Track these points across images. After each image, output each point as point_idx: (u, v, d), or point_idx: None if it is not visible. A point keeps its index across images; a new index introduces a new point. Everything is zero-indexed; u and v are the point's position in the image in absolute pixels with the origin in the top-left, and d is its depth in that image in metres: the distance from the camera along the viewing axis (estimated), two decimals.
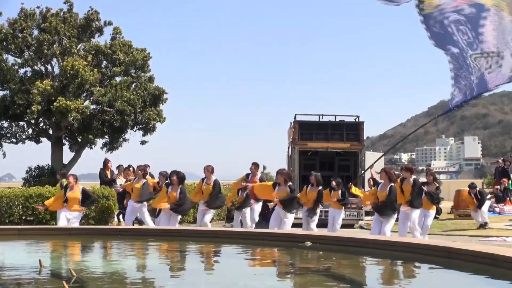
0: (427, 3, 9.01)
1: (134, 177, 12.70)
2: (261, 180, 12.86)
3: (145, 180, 12.02)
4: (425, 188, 11.27)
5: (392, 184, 10.17)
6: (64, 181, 12.40)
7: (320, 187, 11.61)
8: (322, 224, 12.69)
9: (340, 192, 12.13)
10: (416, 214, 10.49)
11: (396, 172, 10.93)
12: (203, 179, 12.08)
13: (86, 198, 11.40)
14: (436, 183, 11.46)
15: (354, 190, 12.92)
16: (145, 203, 11.95)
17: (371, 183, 13.46)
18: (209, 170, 11.91)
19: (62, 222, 11.07)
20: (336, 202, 11.98)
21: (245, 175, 12.75)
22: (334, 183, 12.25)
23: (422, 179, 12.21)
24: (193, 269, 6.55)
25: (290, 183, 11.04)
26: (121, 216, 13.64)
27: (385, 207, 10.14)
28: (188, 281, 5.78)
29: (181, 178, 11.32)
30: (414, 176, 10.62)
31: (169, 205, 11.11)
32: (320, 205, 11.81)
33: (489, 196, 16.23)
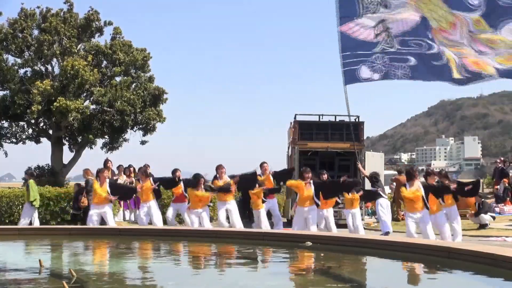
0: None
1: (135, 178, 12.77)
2: (273, 175, 13.01)
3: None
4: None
5: (419, 181, 10.19)
6: (31, 181, 12.52)
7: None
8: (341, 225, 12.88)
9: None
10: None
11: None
12: (215, 178, 12.18)
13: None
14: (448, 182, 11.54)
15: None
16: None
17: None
18: (220, 169, 12.15)
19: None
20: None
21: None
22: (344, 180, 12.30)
23: (422, 179, 12.19)
24: (193, 269, 6.56)
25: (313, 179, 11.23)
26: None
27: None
28: (188, 281, 5.78)
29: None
30: (418, 182, 10.57)
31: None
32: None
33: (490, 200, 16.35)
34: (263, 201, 12.51)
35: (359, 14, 10.54)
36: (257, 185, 12.39)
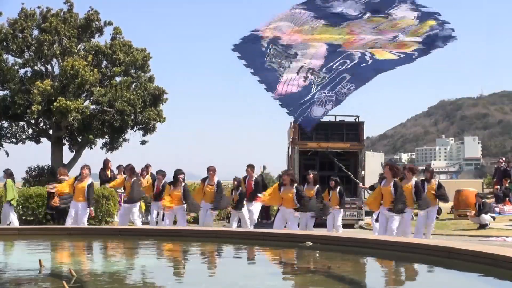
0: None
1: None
2: (256, 182, 12.94)
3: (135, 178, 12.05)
4: (426, 185, 11.34)
5: (396, 179, 10.09)
6: (9, 181, 12.58)
7: (318, 186, 11.65)
8: (320, 224, 12.75)
9: (337, 191, 12.18)
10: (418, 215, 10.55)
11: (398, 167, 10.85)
12: (204, 180, 12.11)
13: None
14: (434, 180, 11.63)
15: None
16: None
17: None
18: (212, 171, 11.98)
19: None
20: (335, 202, 12.04)
21: (242, 179, 12.91)
22: (332, 182, 12.28)
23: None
24: (193, 269, 6.55)
25: (297, 184, 11.11)
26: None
27: (395, 203, 10.01)
28: (188, 281, 5.78)
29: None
30: (415, 178, 10.60)
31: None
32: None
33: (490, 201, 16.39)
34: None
35: (280, 74, 10.93)
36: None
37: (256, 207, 12.90)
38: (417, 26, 10.69)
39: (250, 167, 13.09)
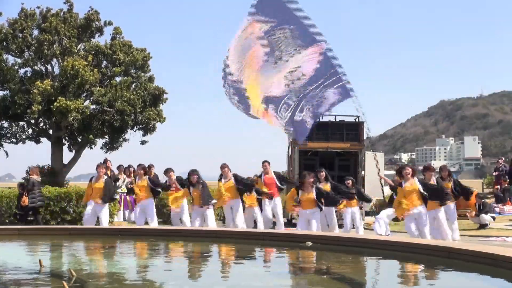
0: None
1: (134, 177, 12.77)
2: (277, 176, 12.95)
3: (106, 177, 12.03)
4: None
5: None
6: None
7: (330, 180, 11.80)
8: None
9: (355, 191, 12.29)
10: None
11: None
12: (220, 179, 12.15)
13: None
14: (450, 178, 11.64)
15: None
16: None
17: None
18: (226, 167, 12.09)
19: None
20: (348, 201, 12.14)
21: (258, 177, 12.84)
22: (349, 182, 12.32)
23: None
24: (193, 269, 6.55)
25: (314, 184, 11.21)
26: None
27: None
28: (189, 281, 5.79)
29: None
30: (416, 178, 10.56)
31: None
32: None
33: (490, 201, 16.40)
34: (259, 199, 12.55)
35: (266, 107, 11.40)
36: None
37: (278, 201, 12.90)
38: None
39: (267, 162, 13.07)
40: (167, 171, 12.65)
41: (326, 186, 11.63)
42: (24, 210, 12.54)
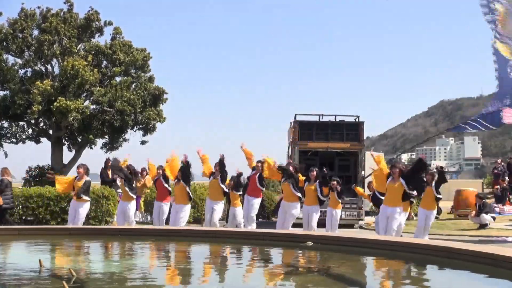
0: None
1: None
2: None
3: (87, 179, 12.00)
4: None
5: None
6: None
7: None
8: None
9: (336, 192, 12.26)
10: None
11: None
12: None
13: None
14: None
15: (358, 190, 13.11)
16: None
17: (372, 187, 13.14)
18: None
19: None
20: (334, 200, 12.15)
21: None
22: (334, 183, 12.30)
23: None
24: (193, 269, 6.55)
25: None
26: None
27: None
28: (188, 281, 5.78)
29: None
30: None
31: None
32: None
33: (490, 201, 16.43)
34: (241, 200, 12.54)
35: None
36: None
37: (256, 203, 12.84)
38: None
39: (261, 162, 13.02)
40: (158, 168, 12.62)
41: (311, 186, 11.45)
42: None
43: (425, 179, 10.66)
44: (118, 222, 12.14)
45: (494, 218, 15.08)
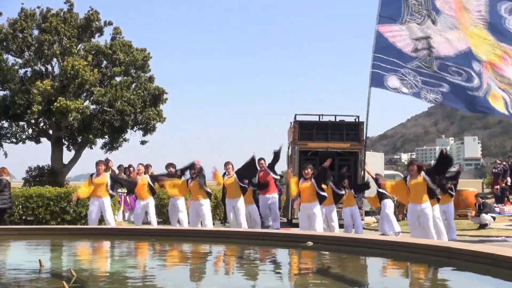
0: None
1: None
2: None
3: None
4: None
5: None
6: None
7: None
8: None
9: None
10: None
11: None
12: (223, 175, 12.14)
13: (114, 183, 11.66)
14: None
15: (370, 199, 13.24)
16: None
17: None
18: (231, 165, 12.08)
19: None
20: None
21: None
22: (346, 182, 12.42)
23: None
24: (193, 269, 6.56)
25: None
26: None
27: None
28: (188, 281, 5.79)
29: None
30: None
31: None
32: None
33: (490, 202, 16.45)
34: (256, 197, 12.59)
35: (403, 20, 10.43)
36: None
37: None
38: None
39: (263, 159, 13.10)
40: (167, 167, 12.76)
41: (307, 184, 11.35)
42: None
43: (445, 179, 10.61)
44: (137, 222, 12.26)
45: (494, 218, 15.08)
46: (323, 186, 11.23)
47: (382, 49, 10.50)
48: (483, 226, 14.48)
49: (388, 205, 13.10)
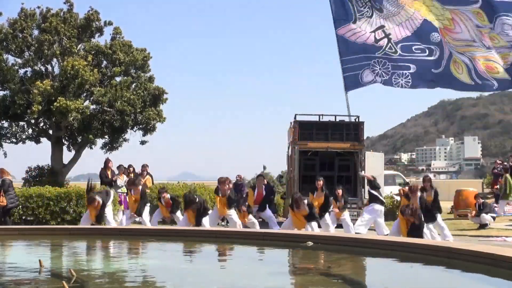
0: None
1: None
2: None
3: None
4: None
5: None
6: None
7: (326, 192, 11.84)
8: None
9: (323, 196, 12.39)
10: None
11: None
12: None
13: None
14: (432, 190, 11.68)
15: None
16: None
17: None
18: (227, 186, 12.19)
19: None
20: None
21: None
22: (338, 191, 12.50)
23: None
24: (193, 269, 6.56)
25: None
26: None
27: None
28: (188, 281, 5.78)
29: None
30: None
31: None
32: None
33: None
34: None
35: (354, 19, 10.53)
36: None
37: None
38: (506, 52, 10.14)
39: (262, 176, 13.46)
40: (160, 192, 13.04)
41: (320, 199, 11.74)
42: (2, 211, 12.24)
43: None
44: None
45: (494, 218, 15.07)
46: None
47: (348, 51, 10.64)
48: (483, 226, 14.47)
49: (375, 209, 12.94)
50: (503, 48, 10.12)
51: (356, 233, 12.88)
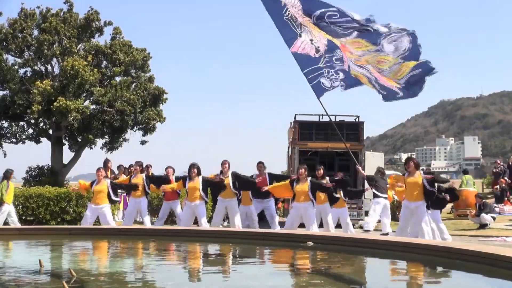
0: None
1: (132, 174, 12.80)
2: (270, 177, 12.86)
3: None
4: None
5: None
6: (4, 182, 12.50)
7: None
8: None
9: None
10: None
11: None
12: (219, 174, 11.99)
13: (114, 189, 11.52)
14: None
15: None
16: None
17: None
18: (228, 164, 11.90)
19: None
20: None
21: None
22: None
23: None
24: (193, 269, 6.56)
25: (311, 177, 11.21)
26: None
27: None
28: (188, 282, 5.79)
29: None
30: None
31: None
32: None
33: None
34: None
35: (298, 33, 11.16)
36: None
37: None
38: (398, 67, 10.86)
39: (262, 163, 13.02)
40: (167, 169, 12.78)
41: (303, 186, 11.46)
42: None
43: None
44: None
45: (494, 218, 15.08)
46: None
47: (305, 64, 11.34)
48: (483, 226, 14.48)
49: (379, 202, 13.08)
50: (395, 65, 10.86)
51: (364, 226, 12.95)
